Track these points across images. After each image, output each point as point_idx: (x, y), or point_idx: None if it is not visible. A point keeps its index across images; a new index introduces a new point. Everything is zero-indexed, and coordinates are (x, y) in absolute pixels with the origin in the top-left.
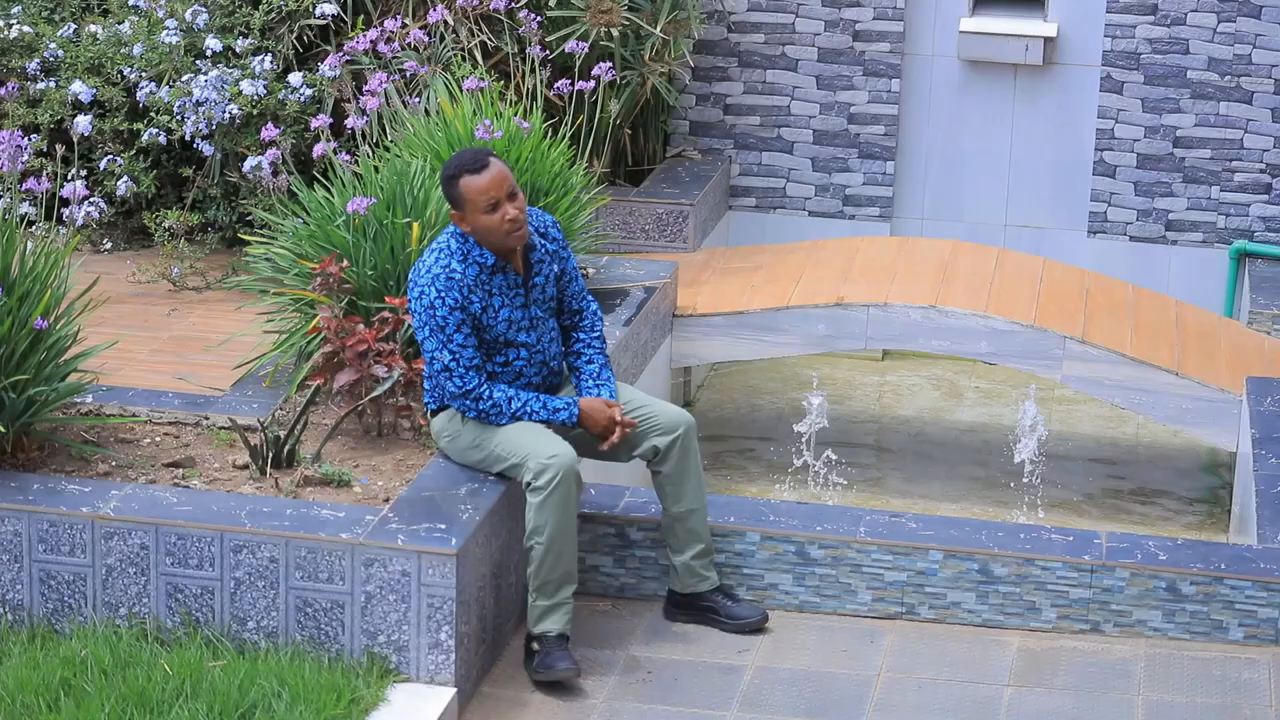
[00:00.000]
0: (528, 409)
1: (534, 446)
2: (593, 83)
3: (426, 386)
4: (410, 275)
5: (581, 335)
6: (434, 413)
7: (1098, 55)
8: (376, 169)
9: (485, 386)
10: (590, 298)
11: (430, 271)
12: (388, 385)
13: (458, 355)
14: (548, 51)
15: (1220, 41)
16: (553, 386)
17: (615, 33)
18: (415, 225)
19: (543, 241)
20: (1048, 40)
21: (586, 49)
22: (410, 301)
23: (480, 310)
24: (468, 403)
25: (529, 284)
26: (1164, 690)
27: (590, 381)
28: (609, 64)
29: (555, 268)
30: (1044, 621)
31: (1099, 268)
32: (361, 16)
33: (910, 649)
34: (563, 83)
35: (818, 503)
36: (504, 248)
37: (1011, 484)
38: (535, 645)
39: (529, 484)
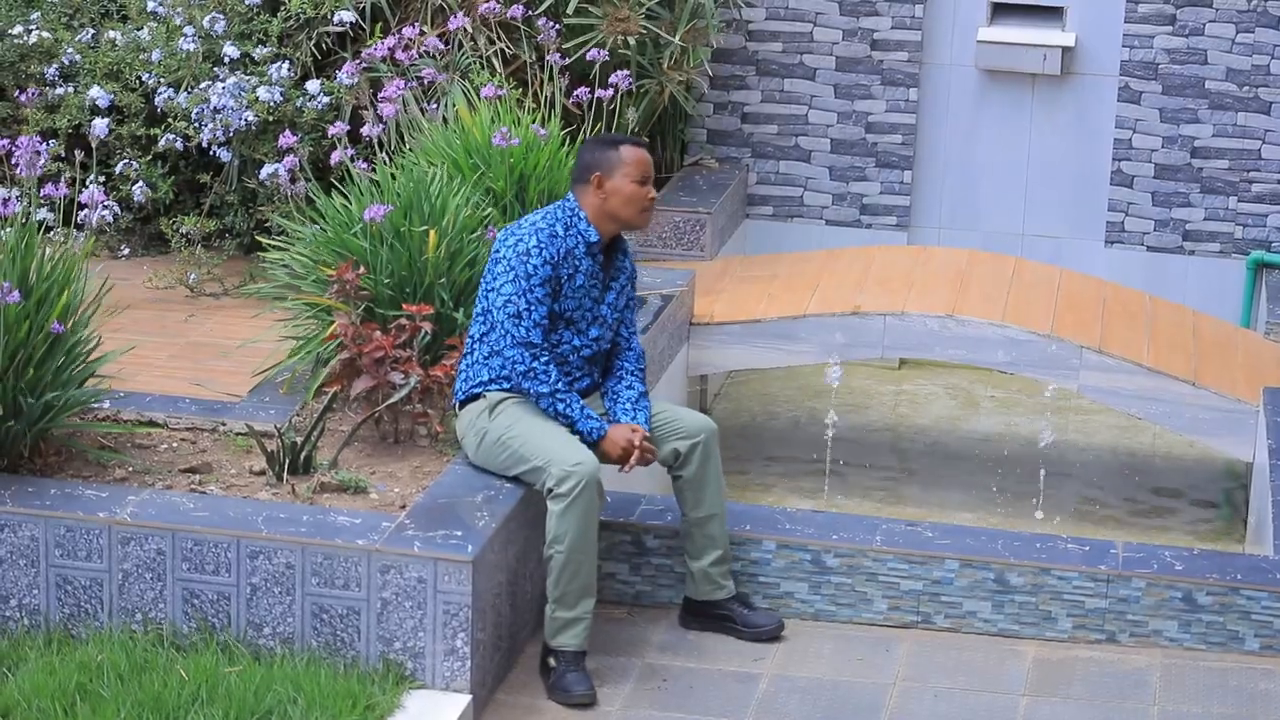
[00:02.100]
0: (567, 400)
1: (558, 452)
2: (610, 91)
3: (462, 368)
4: (504, 232)
5: (626, 364)
6: (462, 404)
7: (1116, 65)
8: (394, 176)
9: (545, 350)
10: (638, 340)
11: (535, 225)
12: (404, 392)
13: (533, 307)
14: (565, 59)
15: (1239, 52)
16: (582, 392)
17: (632, 41)
18: (433, 232)
19: (624, 258)
20: (1066, 50)
21: (606, 57)
22: (498, 250)
23: (566, 279)
24: (524, 353)
25: (607, 281)
26: (1180, 701)
27: (629, 405)
28: (626, 72)
29: (626, 282)
30: (1060, 631)
31: (1116, 278)
32: (380, 24)
33: (926, 658)
34: (581, 90)
35: (834, 511)
36: (628, 224)
37: (1028, 493)
38: (552, 660)
39: (551, 490)
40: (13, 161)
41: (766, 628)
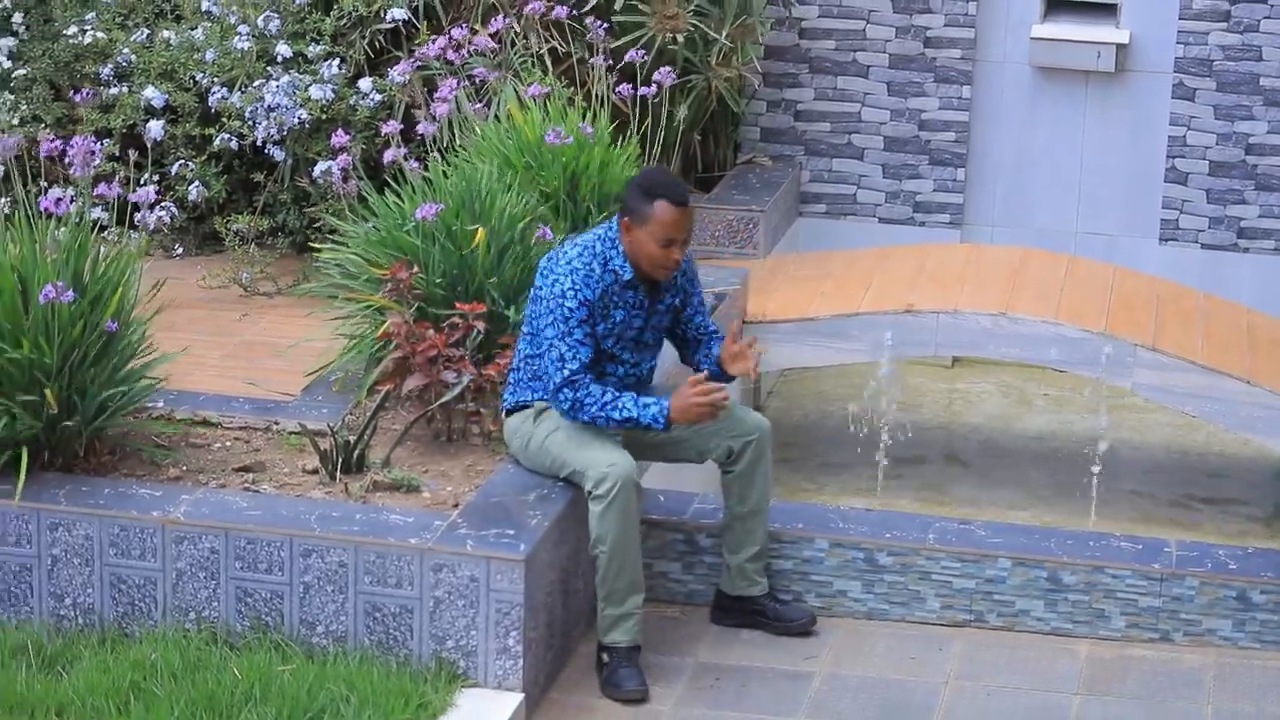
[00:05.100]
0: (618, 406)
1: (594, 455)
2: (654, 88)
3: (510, 380)
4: (544, 262)
5: (715, 342)
6: (509, 412)
7: (1170, 62)
8: (445, 175)
9: (585, 377)
10: (711, 324)
11: (571, 263)
12: (457, 390)
13: (574, 349)
14: (610, 60)
15: None
16: None
17: (680, 38)
18: (480, 231)
19: (677, 275)
20: (1120, 47)
21: (647, 58)
22: (539, 287)
23: (601, 316)
24: (566, 391)
25: (652, 308)
26: (1234, 699)
27: (713, 358)
28: (669, 69)
29: (677, 300)
30: (1113, 630)
31: (1170, 275)
32: (432, 21)
33: (979, 656)
34: (624, 88)
35: (887, 510)
36: (645, 274)
37: (1081, 492)
38: (605, 656)
39: (590, 493)
40: (66, 161)
41: (798, 622)
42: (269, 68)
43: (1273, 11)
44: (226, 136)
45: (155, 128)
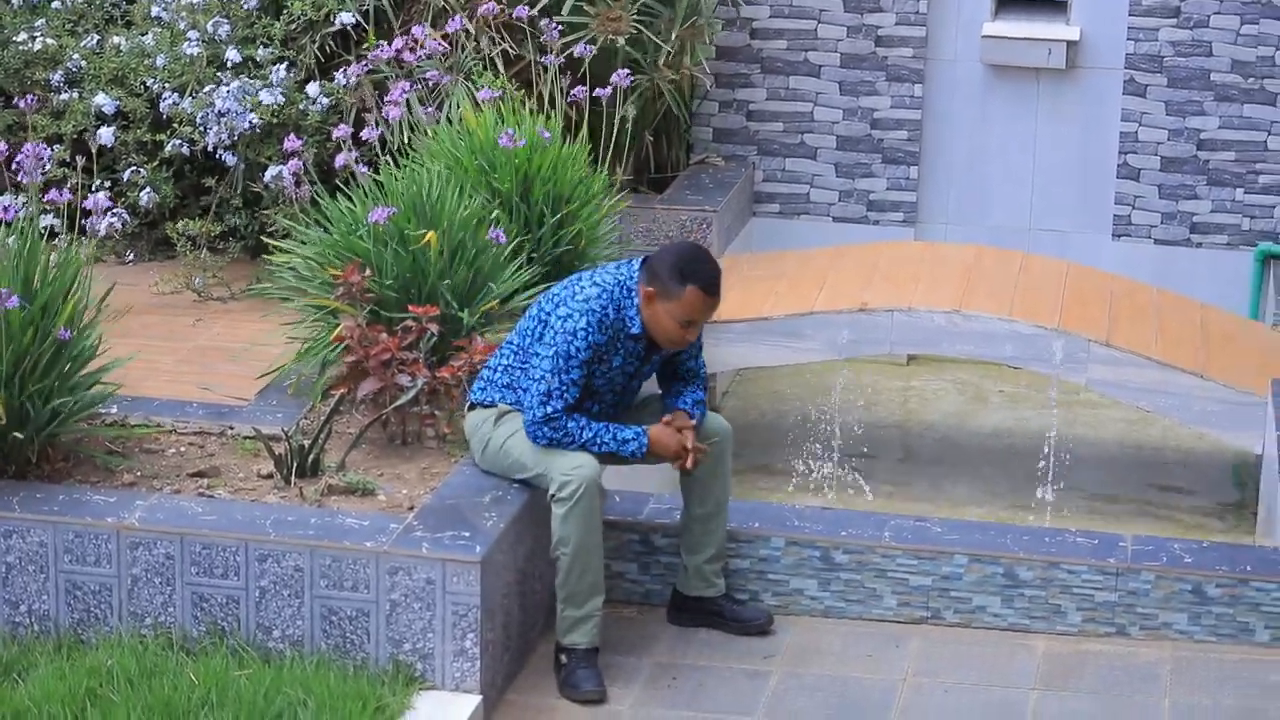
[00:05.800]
0: (598, 439)
1: (557, 458)
2: (609, 89)
3: (482, 377)
4: (563, 288)
5: (698, 380)
6: (473, 406)
7: (1121, 59)
8: (396, 178)
9: (563, 417)
10: (702, 366)
11: (589, 303)
12: (411, 394)
13: (565, 388)
14: (562, 59)
15: (1243, 44)
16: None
17: (622, 40)
18: (430, 234)
19: None
20: (1070, 44)
21: (593, 52)
22: (547, 312)
23: (599, 361)
24: (545, 429)
25: (648, 357)
26: (1190, 692)
27: (688, 405)
28: (626, 70)
29: (670, 350)
30: (1069, 625)
31: (1123, 271)
32: (383, 26)
33: (935, 653)
34: (579, 90)
35: (842, 508)
36: (657, 341)
37: (1037, 488)
38: (563, 657)
39: (553, 495)
40: (13, 167)
41: (756, 622)
42: (219, 73)
43: (1222, 7)
44: (178, 142)
45: (106, 134)
